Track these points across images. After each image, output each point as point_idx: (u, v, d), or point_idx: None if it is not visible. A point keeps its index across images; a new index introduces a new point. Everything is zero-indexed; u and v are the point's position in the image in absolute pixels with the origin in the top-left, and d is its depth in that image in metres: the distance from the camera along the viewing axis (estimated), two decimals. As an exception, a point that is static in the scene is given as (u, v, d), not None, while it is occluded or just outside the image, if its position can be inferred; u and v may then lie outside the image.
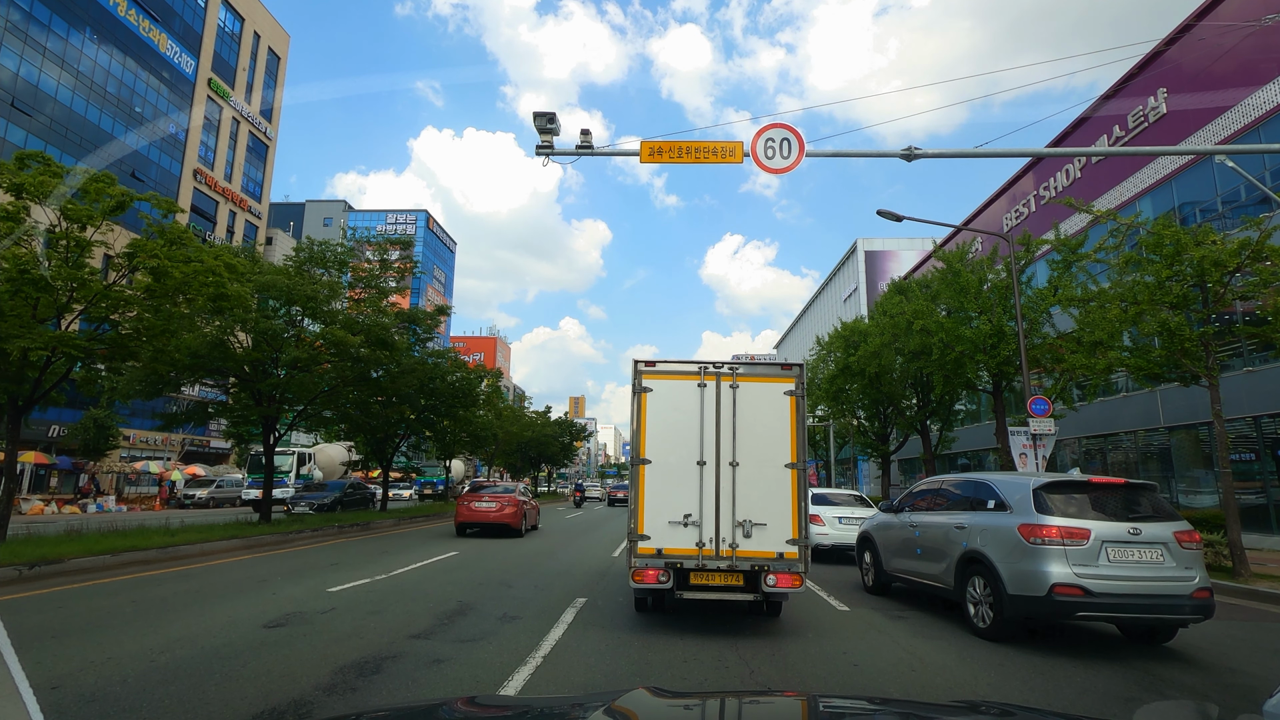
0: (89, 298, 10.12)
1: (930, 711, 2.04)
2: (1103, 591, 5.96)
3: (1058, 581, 6.02)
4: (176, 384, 15.39)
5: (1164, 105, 20.80)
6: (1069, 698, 4.80)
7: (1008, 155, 10.28)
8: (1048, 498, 6.55)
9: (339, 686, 4.54)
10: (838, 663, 5.59)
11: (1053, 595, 6.01)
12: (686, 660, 5.49)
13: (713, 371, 6.82)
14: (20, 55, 34.49)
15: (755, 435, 6.65)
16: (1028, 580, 6.19)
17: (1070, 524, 6.25)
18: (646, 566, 6.38)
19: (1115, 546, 6.15)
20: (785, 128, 9.65)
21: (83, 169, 10.39)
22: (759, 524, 6.46)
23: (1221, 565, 11.12)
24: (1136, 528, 6.23)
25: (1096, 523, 6.26)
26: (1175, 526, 6.35)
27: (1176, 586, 6.05)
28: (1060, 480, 6.88)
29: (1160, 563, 6.15)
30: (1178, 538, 6.25)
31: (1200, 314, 11.65)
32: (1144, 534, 6.21)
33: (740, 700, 2.22)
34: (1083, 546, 6.12)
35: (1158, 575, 6.10)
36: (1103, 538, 6.16)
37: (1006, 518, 6.71)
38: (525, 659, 5.38)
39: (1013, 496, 6.83)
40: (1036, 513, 6.44)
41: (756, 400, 6.75)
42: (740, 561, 6.40)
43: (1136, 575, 6.08)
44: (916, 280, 25.03)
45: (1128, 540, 6.18)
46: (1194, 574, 6.14)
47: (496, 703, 2.96)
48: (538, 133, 9.82)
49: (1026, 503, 6.60)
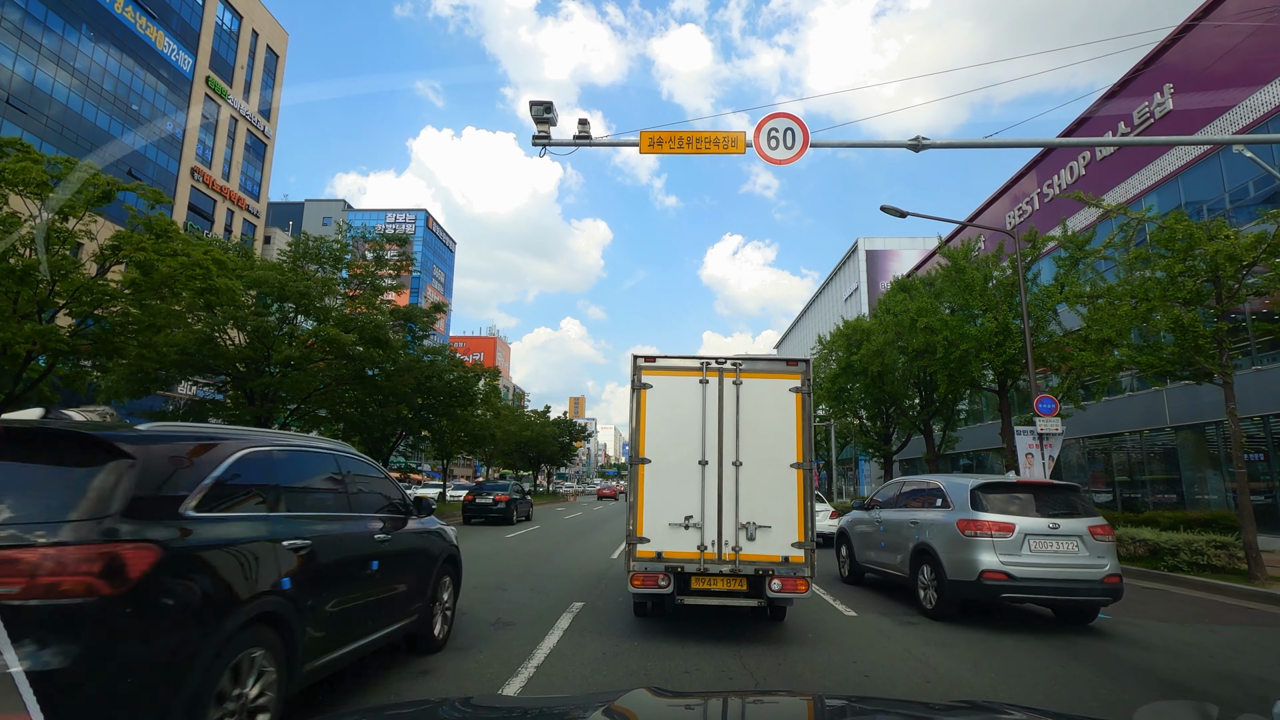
0: (71, 291, 9.81)
1: (930, 712, 2.01)
2: (1024, 576, 6.97)
3: (986, 568, 7.01)
4: (165, 382, 15.08)
5: (1170, 101, 20.52)
6: (1095, 709, 4.51)
7: (1017, 145, 9.99)
8: (983, 497, 7.52)
9: (315, 698, 4.24)
10: (847, 672, 5.30)
11: (982, 580, 7.00)
12: (688, 670, 5.19)
13: (715, 367, 6.51)
14: (15, 52, 34.20)
15: (759, 434, 6.35)
16: (963, 567, 7.16)
17: (999, 519, 7.23)
18: (646, 570, 6.06)
19: (1036, 538, 7.15)
20: (789, 117, 9.37)
21: (62, 156, 10.08)
22: (763, 526, 6.15)
23: (1236, 568, 10.83)
24: (1056, 523, 7.21)
25: (1021, 518, 7.23)
26: (1091, 522, 7.34)
27: (1089, 573, 7.03)
28: (994, 481, 7.88)
29: (1075, 552, 7.13)
30: (1092, 531, 7.23)
31: (1214, 310, 11.36)
32: (1062, 528, 7.18)
33: (742, 700, 2.21)
34: (1008, 538, 7.11)
35: (1073, 563, 7.08)
36: (1026, 531, 7.15)
37: (949, 514, 7.64)
38: (517, 669, 5.08)
39: (956, 496, 7.77)
40: (972, 510, 7.39)
41: (761, 397, 6.45)
42: (744, 565, 6.08)
43: (1054, 563, 7.07)
44: (920, 278, 24.74)
45: (1047, 533, 7.17)
46: (1105, 562, 7.14)
47: (496, 702, 2.86)
48: (534, 122, 9.54)
49: (965, 501, 7.54)
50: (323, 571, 3.70)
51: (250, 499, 3.43)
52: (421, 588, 5.20)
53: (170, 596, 2.66)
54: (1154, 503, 21.07)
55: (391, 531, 4.75)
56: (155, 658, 2.53)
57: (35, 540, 2.35)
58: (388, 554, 4.57)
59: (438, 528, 5.90)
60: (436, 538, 5.75)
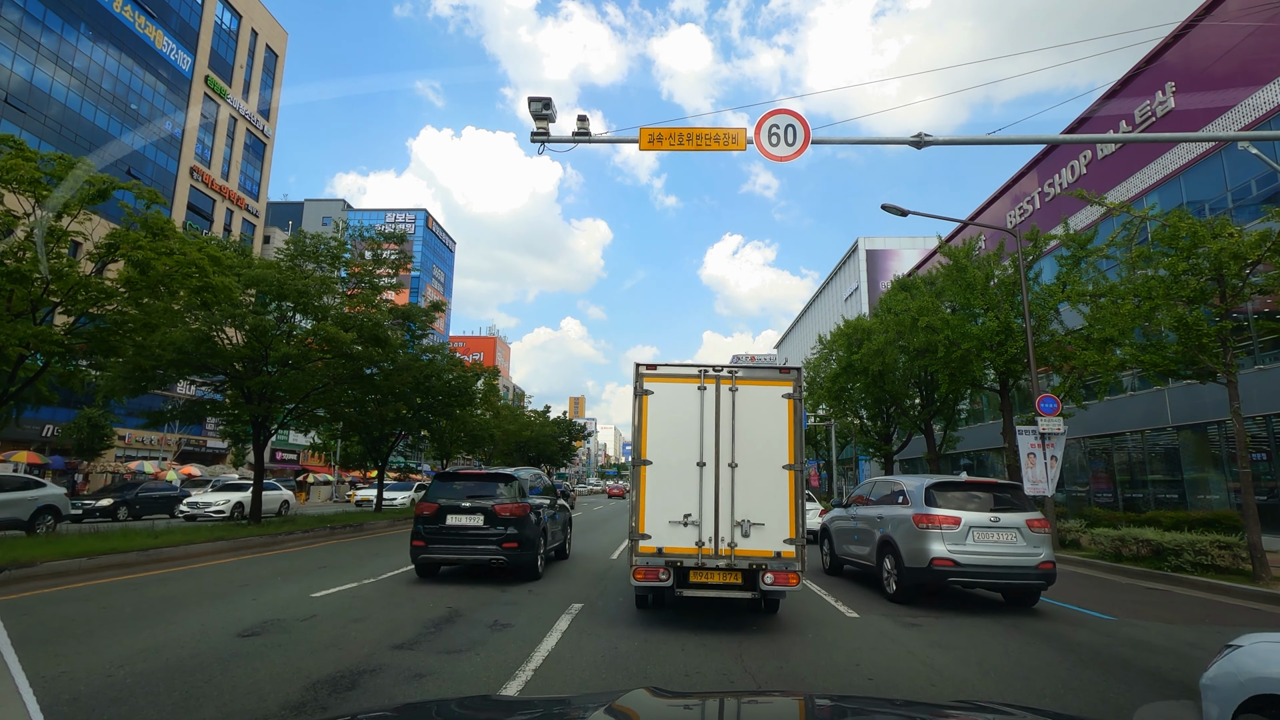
0: (66, 290, 9.72)
1: (930, 711, 2.02)
2: (967, 563, 7.97)
3: (935, 556, 7.99)
4: (161, 381, 14.96)
5: (1172, 100, 20.43)
6: (1102, 711, 4.43)
7: (1020, 142, 9.90)
8: (935, 494, 8.48)
9: (308, 705, 4.16)
10: (850, 675, 5.21)
11: (932, 566, 7.98)
12: (689, 674, 5.10)
13: (712, 374, 6.92)
14: (14, 51, 34.09)
15: (754, 437, 6.77)
16: (917, 555, 8.14)
17: (947, 514, 8.20)
18: (647, 565, 6.50)
19: (979, 530, 8.12)
20: (790, 114, 9.27)
21: (57, 154, 9.98)
22: (757, 524, 6.57)
23: (1240, 569, 10.74)
24: (997, 516, 8.19)
25: (966, 513, 8.22)
26: (1028, 516, 8.29)
27: (1025, 560, 8.03)
28: (945, 481, 8.81)
29: (1014, 543, 8.10)
30: (1029, 524, 8.18)
31: (1218, 309, 11.27)
32: (1002, 521, 8.15)
33: (741, 700, 2.23)
34: (955, 530, 8.09)
35: (1011, 551, 8.06)
36: (970, 524, 8.12)
37: (907, 510, 8.60)
38: (515, 672, 5.00)
39: (913, 494, 8.72)
40: (925, 506, 8.36)
41: (755, 403, 6.86)
42: (738, 560, 6.52)
43: (994, 551, 8.05)
44: (921, 277, 24.63)
45: (989, 526, 8.14)
46: (1040, 551, 8.11)
47: (494, 703, 2.88)
48: (533, 119, 9.44)
49: (920, 498, 8.52)
50: (554, 516, 11.43)
51: (541, 493, 11.32)
52: (566, 529, 12.68)
53: (533, 514, 10.01)
54: (1156, 502, 20.97)
55: (560, 506, 12.20)
56: (535, 528, 9.93)
57: (519, 500, 9.91)
58: (560, 512, 12.14)
59: (569, 506, 13.92)
60: (567, 510, 13.09)
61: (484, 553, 9.39)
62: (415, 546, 9.58)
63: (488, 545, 9.43)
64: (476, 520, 9.58)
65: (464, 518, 9.63)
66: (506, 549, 9.38)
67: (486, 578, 9.87)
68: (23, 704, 0.98)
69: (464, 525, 9.59)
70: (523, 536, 9.53)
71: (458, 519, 9.63)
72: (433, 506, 9.67)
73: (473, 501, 9.71)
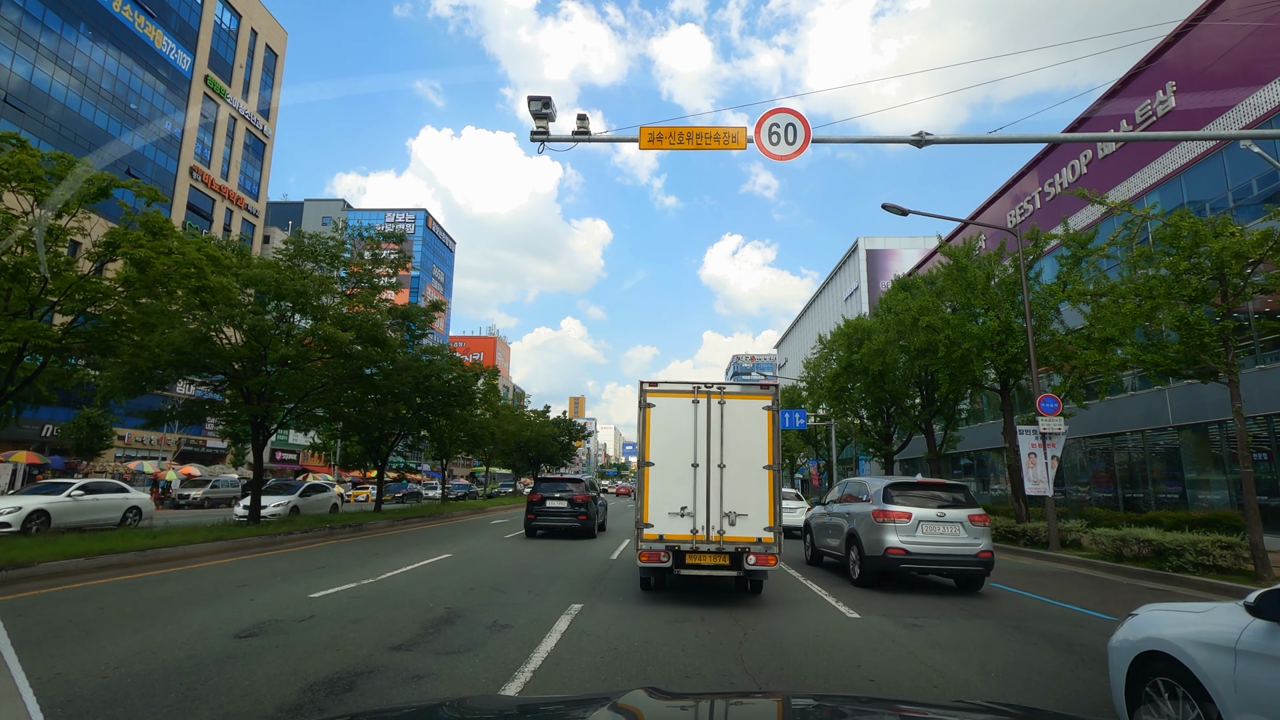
0: (64, 289, 9.68)
1: (929, 711, 2.03)
2: (917, 552, 9.16)
3: (889, 545, 9.21)
4: (160, 381, 14.93)
5: (1173, 99, 20.40)
6: (1105, 711, 4.39)
7: (1022, 141, 9.87)
8: (891, 493, 9.75)
9: (305, 707, 4.13)
10: (851, 676, 5.18)
11: (886, 554, 9.19)
12: (689, 675, 5.07)
13: (704, 391, 8.21)
14: (14, 51, 34.05)
15: (738, 443, 7.99)
16: (875, 545, 9.36)
17: (901, 509, 9.43)
18: (650, 549, 7.79)
19: (927, 524, 9.33)
20: (790, 113, 9.24)
21: (57, 153, 9.94)
22: (741, 514, 7.81)
23: (1242, 569, 10.70)
24: (943, 512, 9.42)
25: (917, 509, 9.44)
26: (970, 512, 9.48)
27: (966, 549, 9.24)
28: (900, 481, 10.16)
29: (957, 535, 9.32)
30: (970, 519, 9.37)
31: (1219, 308, 11.24)
32: (947, 516, 9.38)
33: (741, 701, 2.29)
34: (907, 524, 9.30)
35: (954, 542, 9.27)
36: (919, 518, 9.34)
37: (868, 506, 9.86)
38: (513, 674, 4.97)
39: (875, 493, 9.97)
40: (883, 502, 9.61)
41: (740, 414, 8.10)
42: (726, 545, 7.76)
43: (939, 542, 9.26)
44: (922, 276, 24.58)
45: (936, 520, 9.36)
46: (980, 542, 9.30)
47: (493, 703, 2.88)
48: (533, 118, 9.41)
49: (879, 497, 9.76)
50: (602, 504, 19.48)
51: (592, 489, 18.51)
52: (604, 511, 19.85)
53: (594, 501, 17.57)
54: (1156, 502, 20.94)
55: (598, 498, 18.84)
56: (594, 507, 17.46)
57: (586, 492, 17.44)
58: (598, 500, 18.73)
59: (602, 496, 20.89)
60: (604, 500, 20.55)
61: (567, 522, 16.75)
62: (528, 520, 16.93)
63: (569, 518, 16.76)
64: (562, 504, 16.88)
65: (555, 502, 16.99)
66: (580, 520, 16.76)
67: (484, 580, 9.86)
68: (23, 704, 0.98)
69: (556, 507, 16.90)
70: (589, 512, 16.84)
71: (553, 503, 16.99)
72: (538, 496, 17.10)
73: (561, 492, 17.10)
